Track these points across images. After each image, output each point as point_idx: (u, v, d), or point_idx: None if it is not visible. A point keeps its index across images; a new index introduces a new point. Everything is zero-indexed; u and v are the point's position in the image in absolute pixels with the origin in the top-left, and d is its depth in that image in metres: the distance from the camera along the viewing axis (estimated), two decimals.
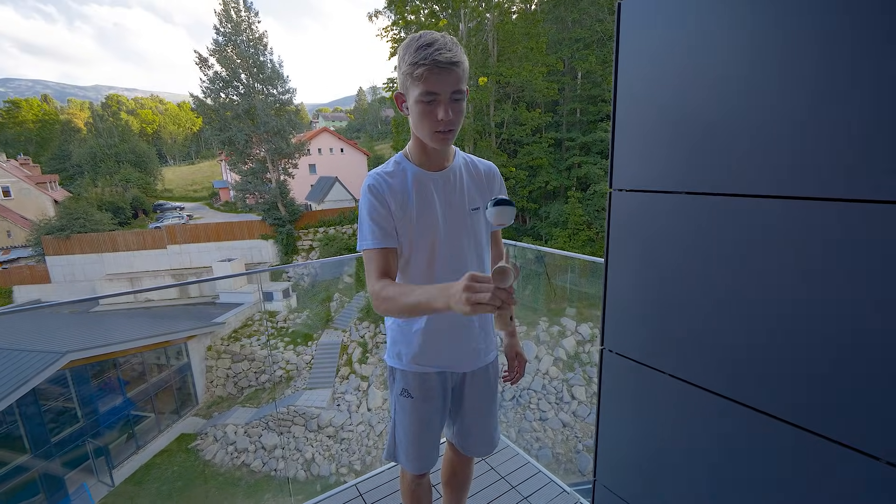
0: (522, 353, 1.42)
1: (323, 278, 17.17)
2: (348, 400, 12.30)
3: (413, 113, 1.03)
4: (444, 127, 1.01)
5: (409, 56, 0.99)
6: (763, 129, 0.81)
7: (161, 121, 75.00)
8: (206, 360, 13.66)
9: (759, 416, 0.88)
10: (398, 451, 1.33)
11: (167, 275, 21.54)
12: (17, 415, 8.50)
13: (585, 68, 20.90)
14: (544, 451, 9.70)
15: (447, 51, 0.97)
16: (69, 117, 63.09)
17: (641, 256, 1.07)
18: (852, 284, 0.73)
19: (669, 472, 1.11)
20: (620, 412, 1.22)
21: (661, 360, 1.07)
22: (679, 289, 0.99)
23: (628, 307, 1.13)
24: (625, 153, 1.07)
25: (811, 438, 0.81)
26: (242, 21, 22.77)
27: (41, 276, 21.54)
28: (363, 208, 1.11)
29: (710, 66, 0.87)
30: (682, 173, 0.95)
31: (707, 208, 0.91)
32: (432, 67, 0.96)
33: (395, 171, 1.13)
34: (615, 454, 1.26)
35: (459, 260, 1.18)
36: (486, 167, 1.26)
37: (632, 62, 1.01)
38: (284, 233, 22.42)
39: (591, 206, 19.18)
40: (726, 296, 0.90)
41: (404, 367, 1.27)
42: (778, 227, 0.81)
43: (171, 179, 50.25)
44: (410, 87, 1.01)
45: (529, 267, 8.39)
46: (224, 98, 22.96)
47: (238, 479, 10.14)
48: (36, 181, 35.19)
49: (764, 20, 0.78)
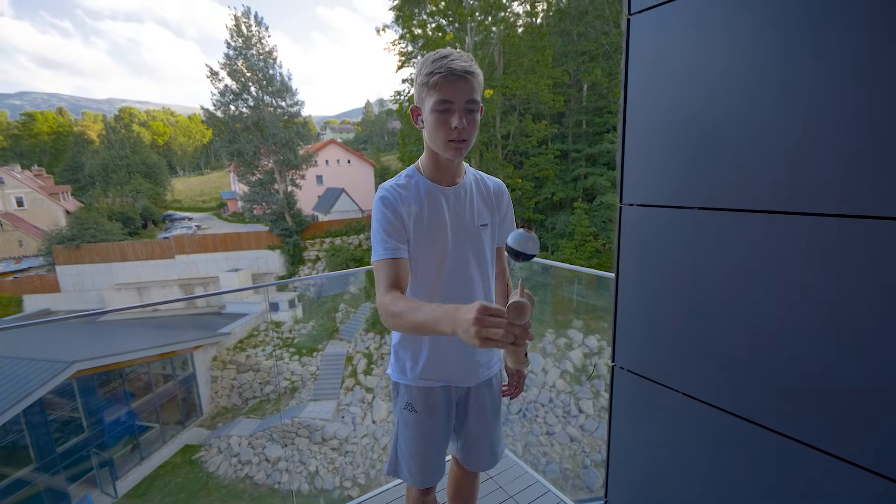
0: (523, 369, 1.41)
1: (329, 289, 17.19)
2: (353, 412, 12.21)
3: (428, 123, 1.05)
4: (458, 136, 1.02)
5: (425, 68, 1.02)
6: (776, 145, 0.79)
7: (172, 132, 76.29)
8: (212, 370, 13.66)
9: (778, 437, 0.85)
10: (400, 466, 1.30)
11: (175, 285, 21.68)
12: (23, 424, 8.52)
13: (591, 80, 21.02)
14: (551, 467, 9.53)
15: (462, 61, 1.01)
16: (83, 129, 64.35)
17: (652, 272, 1.05)
18: (872, 304, 0.70)
19: (683, 494, 1.07)
20: (631, 431, 1.19)
21: (673, 378, 1.04)
22: (691, 306, 0.97)
23: (639, 324, 1.11)
24: (634, 168, 1.05)
25: (834, 463, 0.78)
26: (253, 35, 23.23)
27: (51, 285, 21.76)
28: (376, 219, 1.10)
29: (721, 81, 0.86)
30: (693, 188, 0.93)
31: (719, 224, 0.89)
32: (447, 75, 0.98)
33: (408, 184, 1.14)
34: (627, 473, 1.23)
35: (465, 275, 1.17)
36: (496, 185, 1.27)
37: (641, 76, 1.00)
38: (291, 243, 22.54)
39: (597, 217, 19.12)
40: (740, 314, 0.88)
41: (408, 382, 1.26)
42: (793, 244, 0.79)
43: (180, 190, 50.91)
44: (426, 97, 1.03)
45: (536, 278, 8.36)
46: (234, 110, 23.35)
47: (241, 491, 10.05)
48: (49, 192, 35.80)
49: (775, 34, 0.77)
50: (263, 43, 23.54)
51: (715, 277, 0.92)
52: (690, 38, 0.90)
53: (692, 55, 0.90)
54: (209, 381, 13.35)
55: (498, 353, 1.37)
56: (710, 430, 0.98)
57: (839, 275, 0.74)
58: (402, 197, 1.10)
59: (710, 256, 0.92)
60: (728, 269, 0.89)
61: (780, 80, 0.78)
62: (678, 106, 0.94)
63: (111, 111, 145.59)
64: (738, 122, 0.84)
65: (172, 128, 77.74)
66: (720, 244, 0.90)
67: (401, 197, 1.10)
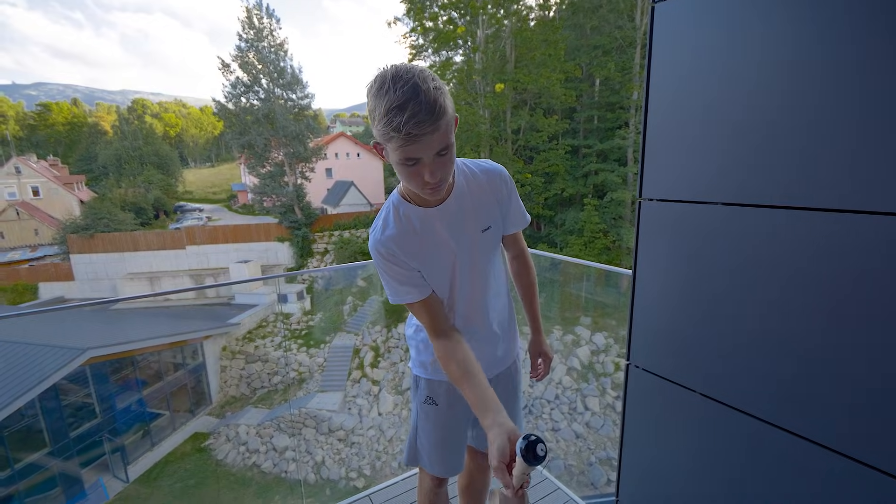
0: (548, 351, 1.40)
1: (337, 281, 17.28)
2: (359, 404, 12.30)
3: (396, 170, 0.92)
4: (434, 184, 0.92)
5: (378, 118, 0.84)
6: (805, 137, 0.76)
7: (183, 124, 76.89)
8: (221, 360, 13.84)
9: (798, 440, 0.83)
10: (421, 455, 1.31)
11: (186, 275, 21.95)
12: (38, 409, 8.71)
13: (604, 75, 20.74)
14: (556, 463, 9.53)
15: (422, 115, 0.80)
16: (97, 120, 65.10)
17: (672, 269, 1.03)
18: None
19: (696, 496, 1.05)
20: (646, 430, 1.17)
21: (690, 378, 1.02)
22: (713, 304, 0.94)
23: (657, 322, 1.09)
24: (656, 161, 1.03)
25: (854, 467, 0.76)
26: (264, 28, 23.26)
27: (65, 273, 22.16)
28: (385, 273, 1.07)
29: (748, 70, 0.83)
30: (718, 183, 0.91)
31: (744, 220, 0.87)
32: (408, 139, 0.82)
33: (399, 222, 1.06)
34: (639, 473, 1.21)
35: (477, 282, 1.15)
36: (488, 175, 1.13)
37: (666, 66, 0.97)
38: (300, 236, 22.68)
39: (607, 214, 18.93)
40: (765, 314, 0.85)
41: (430, 377, 1.26)
42: (820, 241, 0.76)
43: (191, 181, 51.41)
44: (388, 146, 0.88)
45: (544, 274, 8.32)
46: (245, 103, 23.45)
47: (249, 479, 10.20)
48: (63, 182, 36.36)
49: (805, 20, 0.74)
50: (275, 35, 23.56)
51: (736, 275, 0.89)
52: (717, 25, 0.87)
53: (719, 43, 0.87)
54: (218, 370, 13.53)
55: (517, 342, 1.36)
56: (728, 431, 0.95)
57: (865, 272, 0.71)
58: (396, 243, 1.05)
59: (732, 253, 0.89)
60: (750, 267, 0.86)
61: (811, 76, 0.75)
62: (703, 99, 0.91)
63: (124, 102, 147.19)
64: (767, 114, 0.81)
65: (184, 119, 78.36)
66: (743, 241, 0.87)
67: (395, 244, 1.05)
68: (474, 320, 1.17)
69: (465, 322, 1.16)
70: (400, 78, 0.82)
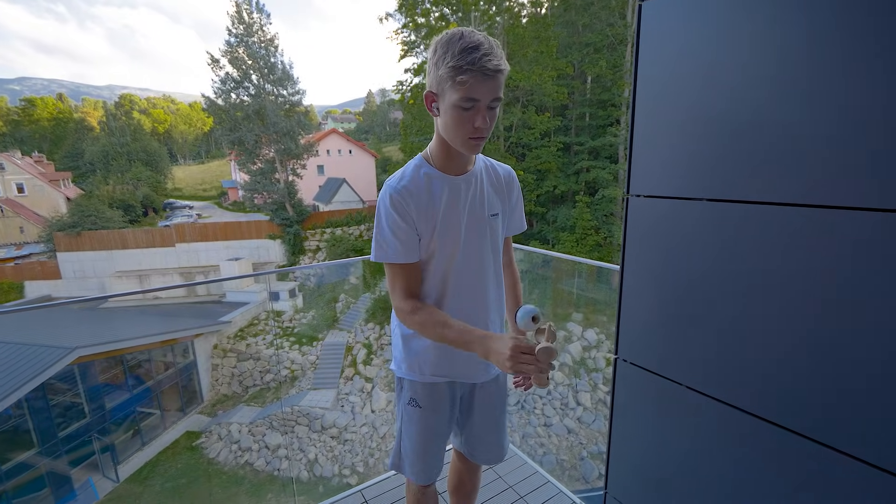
0: None
1: (329, 279, 17.21)
2: (352, 401, 12.29)
3: (446, 117, 0.98)
4: (479, 133, 0.98)
5: (450, 58, 0.91)
6: (790, 134, 0.78)
7: (172, 120, 75.81)
8: (212, 358, 13.73)
9: (785, 433, 0.85)
10: (404, 462, 1.30)
11: (175, 273, 21.71)
12: (25, 409, 8.59)
13: (595, 72, 20.82)
14: (548, 457, 9.62)
15: (495, 57, 0.91)
16: (83, 116, 63.99)
17: (659, 264, 1.04)
18: (886, 298, 0.70)
19: (684, 488, 1.07)
20: (634, 423, 1.19)
21: (677, 372, 1.04)
22: (699, 298, 0.96)
23: (644, 316, 1.11)
24: (643, 158, 1.04)
25: (840, 459, 0.78)
26: (254, 23, 23.00)
27: (52, 271, 21.81)
28: (385, 222, 1.07)
29: (734, 68, 0.84)
30: (703, 179, 0.92)
31: (729, 216, 0.88)
32: (478, 75, 0.90)
33: (417, 179, 1.09)
34: (628, 466, 1.23)
35: (477, 265, 1.15)
36: (506, 172, 1.24)
37: (653, 64, 0.99)
38: (292, 233, 22.53)
39: (599, 210, 19.06)
40: (749, 307, 0.87)
41: (413, 378, 1.24)
42: (805, 236, 0.78)
43: (181, 178, 50.75)
44: (448, 89, 0.94)
45: (536, 271, 8.35)
46: (235, 98, 23.20)
47: (241, 477, 10.16)
48: (49, 178, 35.71)
49: (791, 18, 0.76)
50: (265, 30, 23.32)
51: (722, 270, 0.91)
52: (703, 24, 0.88)
53: (705, 41, 0.88)
54: (210, 368, 13.43)
55: None
56: (714, 423, 0.97)
57: (849, 269, 0.73)
58: (411, 196, 1.06)
59: (718, 248, 0.91)
60: (735, 262, 0.88)
61: (796, 71, 0.76)
62: (690, 96, 0.92)
63: (111, 98, 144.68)
64: (753, 111, 0.83)
65: (173, 115, 77.25)
66: (728, 236, 0.89)
67: (410, 196, 1.06)
68: (470, 300, 1.18)
69: (458, 301, 1.16)
70: (472, 31, 0.94)
